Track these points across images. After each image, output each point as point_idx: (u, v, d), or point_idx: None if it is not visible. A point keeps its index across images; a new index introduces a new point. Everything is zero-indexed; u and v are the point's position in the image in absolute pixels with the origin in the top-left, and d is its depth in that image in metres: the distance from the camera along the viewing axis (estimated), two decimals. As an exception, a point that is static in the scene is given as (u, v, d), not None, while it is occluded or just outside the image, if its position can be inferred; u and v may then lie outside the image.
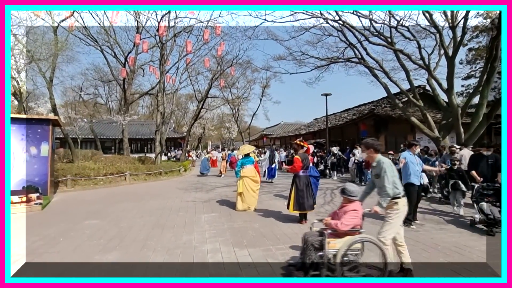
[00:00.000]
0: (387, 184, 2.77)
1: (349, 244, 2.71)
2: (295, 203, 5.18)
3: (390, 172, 2.82)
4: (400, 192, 2.89)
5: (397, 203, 2.88)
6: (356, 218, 2.85)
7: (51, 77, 13.48)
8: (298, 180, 5.29)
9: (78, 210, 6.58)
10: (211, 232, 4.75)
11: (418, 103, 10.54)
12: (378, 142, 3.16)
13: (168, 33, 14.72)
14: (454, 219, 5.48)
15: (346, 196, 2.99)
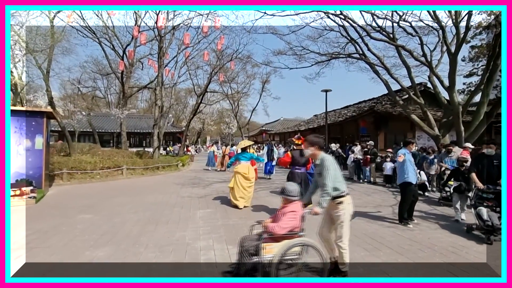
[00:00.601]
0: (328, 182, 2.67)
1: (286, 249, 2.54)
2: None
3: (332, 170, 2.72)
4: (344, 191, 2.80)
5: (342, 203, 2.79)
6: (295, 220, 2.68)
7: (48, 69, 13.28)
8: (291, 176, 5.35)
9: (73, 204, 6.51)
10: (205, 228, 4.68)
11: (419, 100, 10.41)
12: (322, 139, 3.06)
13: (167, 26, 14.50)
14: (450, 223, 5.40)
15: (284, 196, 2.82)
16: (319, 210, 2.66)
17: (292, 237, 2.66)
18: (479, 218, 4.25)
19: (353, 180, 10.91)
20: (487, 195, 4.47)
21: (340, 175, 2.85)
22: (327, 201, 2.68)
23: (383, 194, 8.13)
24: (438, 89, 10.75)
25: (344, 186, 2.85)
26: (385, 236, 4.34)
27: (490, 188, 4.52)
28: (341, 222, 2.80)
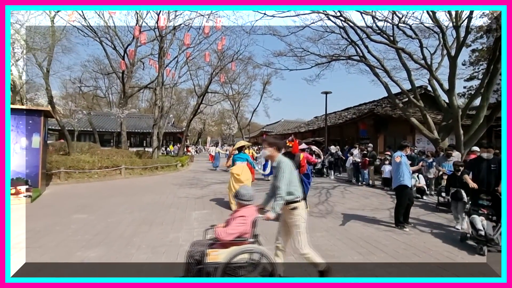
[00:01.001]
0: (282, 185, 2.56)
1: (231, 256, 2.37)
2: None
3: (287, 173, 2.61)
4: (299, 196, 2.70)
5: (297, 208, 2.69)
6: (243, 226, 2.52)
7: (48, 68, 13.31)
8: None
9: (68, 203, 6.48)
10: (200, 230, 4.63)
11: (418, 103, 10.36)
12: (281, 141, 2.93)
13: (168, 26, 14.52)
14: (447, 229, 5.35)
15: (237, 200, 2.70)
16: (272, 215, 2.53)
17: (241, 244, 2.50)
18: (472, 227, 3.96)
19: (351, 183, 10.86)
20: (483, 202, 4.19)
21: (296, 179, 2.74)
22: (280, 205, 2.56)
23: (381, 197, 8.08)
24: (438, 92, 10.69)
25: (299, 191, 2.74)
26: (380, 239, 4.29)
27: (486, 195, 4.22)
28: (297, 229, 2.69)
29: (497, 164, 4.55)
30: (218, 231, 2.51)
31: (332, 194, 8.32)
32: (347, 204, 6.87)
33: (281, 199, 2.55)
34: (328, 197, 7.81)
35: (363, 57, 11.21)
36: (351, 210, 6.26)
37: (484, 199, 4.19)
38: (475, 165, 4.67)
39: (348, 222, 5.22)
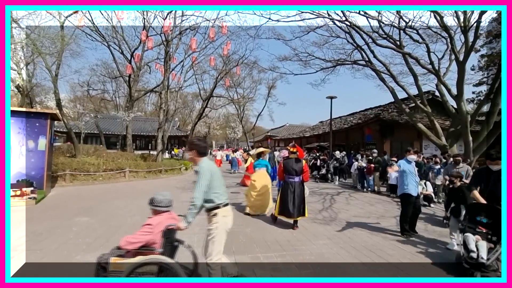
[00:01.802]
0: (196, 193, 2.40)
1: (132, 268, 2.20)
2: (279, 208, 5.24)
3: (205, 180, 2.43)
4: (220, 203, 2.53)
5: (216, 215, 2.53)
6: (149, 235, 2.38)
7: (57, 71, 13.55)
8: (284, 185, 5.27)
9: (72, 206, 6.50)
10: (201, 235, 4.57)
11: (425, 108, 10.18)
12: (204, 144, 2.69)
13: (174, 31, 14.68)
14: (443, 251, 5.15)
15: (152, 207, 2.58)
16: (183, 225, 2.41)
17: (148, 253, 2.34)
18: (465, 247, 3.35)
19: (356, 189, 10.68)
20: (482, 219, 3.48)
21: (219, 185, 2.56)
22: (192, 215, 2.41)
23: (387, 204, 7.91)
24: (446, 98, 10.50)
25: (223, 197, 2.56)
26: (385, 249, 4.16)
27: (486, 208, 3.50)
28: (212, 238, 2.54)
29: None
30: (121, 240, 2.38)
31: (336, 200, 8.19)
32: (351, 211, 6.73)
33: (194, 207, 2.40)
34: (332, 203, 7.68)
35: (369, 61, 11.11)
36: (356, 217, 6.13)
37: (483, 216, 3.48)
38: (482, 176, 3.79)
39: (352, 230, 5.10)
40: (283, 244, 4.23)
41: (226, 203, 2.63)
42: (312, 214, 6.27)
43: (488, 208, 3.47)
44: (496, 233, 3.30)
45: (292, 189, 5.12)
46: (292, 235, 4.69)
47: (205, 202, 2.50)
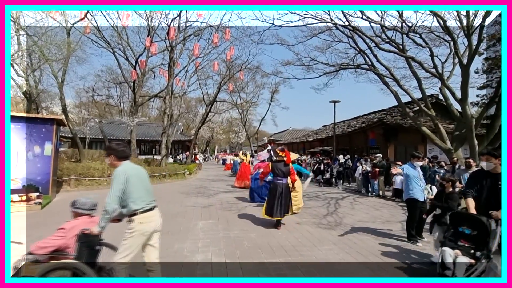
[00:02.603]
0: (108, 198, 2.30)
1: (43, 272, 2.15)
2: (266, 208, 5.48)
3: (117, 184, 2.32)
4: (137, 209, 2.42)
5: (133, 221, 2.43)
6: (61, 240, 2.32)
7: (63, 78, 13.76)
8: (273, 186, 5.58)
9: (77, 211, 6.53)
10: (205, 241, 4.57)
11: (430, 112, 10.13)
12: (122, 147, 2.54)
13: (178, 36, 14.86)
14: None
15: (73, 209, 2.53)
16: (95, 229, 2.33)
17: (61, 258, 2.29)
18: (441, 263, 2.92)
19: (361, 193, 10.60)
20: (464, 229, 2.97)
21: (137, 190, 2.45)
22: (105, 220, 2.32)
23: (392, 208, 7.83)
24: (450, 101, 10.45)
25: (142, 203, 2.46)
26: (391, 254, 4.11)
27: (471, 219, 2.97)
28: (124, 240, 2.45)
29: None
30: (32, 244, 2.31)
31: (341, 205, 8.13)
32: (356, 216, 6.68)
33: (105, 213, 2.31)
34: (337, 208, 7.63)
35: (372, 66, 11.12)
36: (361, 222, 6.08)
37: (466, 226, 2.96)
38: (476, 180, 3.25)
39: (357, 235, 5.05)
40: (288, 250, 4.20)
41: (147, 208, 2.49)
42: (317, 219, 6.23)
43: (472, 218, 2.95)
44: (480, 247, 2.78)
45: (280, 189, 5.42)
46: (297, 241, 4.65)
47: (122, 208, 2.43)
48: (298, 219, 6.22)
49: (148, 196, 2.58)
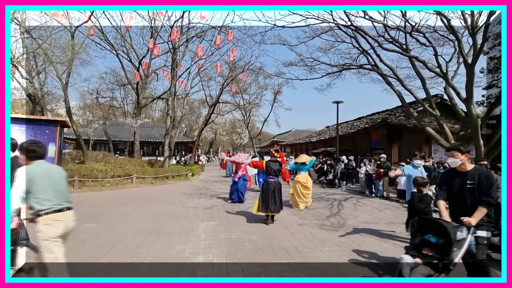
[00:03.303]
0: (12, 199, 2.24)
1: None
2: (260, 205, 5.81)
3: (17, 183, 2.26)
4: (41, 209, 2.35)
5: (37, 223, 2.37)
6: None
7: (67, 80, 13.89)
8: (266, 184, 5.93)
9: (80, 212, 6.48)
10: (207, 242, 4.54)
11: (434, 112, 10.01)
12: (33, 147, 2.47)
13: (181, 38, 14.92)
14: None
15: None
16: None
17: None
18: (398, 272, 2.66)
19: (364, 194, 10.50)
20: (429, 237, 2.66)
21: (42, 190, 2.36)
22: (9, 220, 2.32)
23: (397, 210, 7.73)
24: (455, 101, 10.31)
25: (48, 203, 2.38)
26: (395, 256, 4.03)
27: (435, 228, 2.63)
28: (41, 247, 2.38)
29: (477, 180, 2.68)
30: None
31: (344, 206, 8.05)
32: (360, 217, 6.60)
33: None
34: (340, 209, 7.55)
35: (375, 65, 11.04)
36: (365, 223, 6.00)
37: (432, 234, 2.65)
38: (445, 181, 3.00)
39: (361, 237, 4.98)
40: (290, 252, 4.15)
41: (55, 209, 2.42)
42: (320, 220, 6.18)
43: (438, 225, 2.62)
44: (443, 258, 2.45)
45: (273, 187, 5.82)
46: (299, 242, 4.60)
47: (30, 209, 2.39)
48: (301, 220, 6.17)
49: (58, 197, 2.49)
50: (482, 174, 2.71)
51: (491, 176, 2.72)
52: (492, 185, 2.63)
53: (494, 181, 2.68)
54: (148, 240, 4.55)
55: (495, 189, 2.66)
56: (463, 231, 2.55)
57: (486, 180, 2.66)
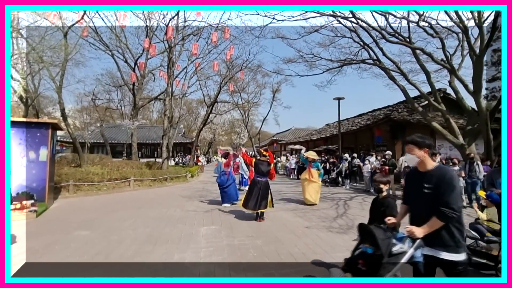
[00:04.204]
0: None
1: None
2: (244, 200, 5.93)
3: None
4: None
5: None
6: None
7: (61, 82, 13.51)
8: (253, 183, 6.08)
9: (73, 218, 6.22)
10: (208, 249, 4.22)
11: (440, 106, 9.73)
12: None
13: (177, 36, 14.57)
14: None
15: None
16: None
17: None
18: None
19: (369, 193, 10.19)
20: (366, 248, 2.18)
21: None
22: None
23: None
24: (461, 95, 10.03)
25: None
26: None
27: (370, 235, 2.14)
28: None
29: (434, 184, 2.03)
30: None
31: (350, 206, 7.74)
32: (368, 217, 6.28)
33: None
34: (347, 209, 7.24)
35: (377, 60, 10.74)
36: (374, 224, 5.68)
37: (368, 244, 2.18)
38: (407, 182, 2.52)
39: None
40: (298, 258, 3.84)
41: None
42: (327, 222, 5.86)
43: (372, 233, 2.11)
44: (374, 273, 2.01)
45: (259, 186, 5.90)
46: (307, 247, 4.28)
47: None
48: (307, 222, 5.85)
49: None
50: (441, 176, 2.02)
51: (451, 180, 1.99)
52: (451, 191, 1.96)
53: (455, 187, 1.99)
54: (144, 249, 4.22)
55: (455, 197, 1.96)
56: (406, 243, 2.04)
57: (445, 184, 1.97)
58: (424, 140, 2.17)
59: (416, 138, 2.19)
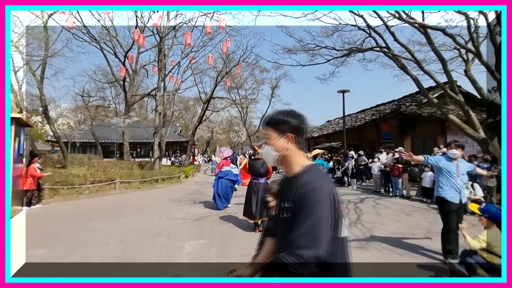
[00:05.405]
0: None
1: None
2: (244, 209, 5.16)
3: None
4: None
5: None
6: None
7: (42, 75, 12.47)
8: (249, 187, 5.22)
9: (35, 231, 5.19)
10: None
11: (457, 97, 8.74)
12: None
13: (168, 25, 13.52)
14: None
15: None
16: None
17: None
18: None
19: (380, 194, 9.24)
20: None
21: None
22: None
23: (426, 213, 6.46)
24: (479, 84, 9.05)
25: None
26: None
27: None
28: None
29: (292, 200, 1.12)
30: None
31: (362, 210, 6.76)
32: (387, 225, 5.31)
33: None
34: (360, 214, 6.26)
35: (386, 47, 9.74)
36: (397, 234, 4.71)
37: None
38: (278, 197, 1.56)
39: (401, 257, 3.69)
40: None
41: None
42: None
43: None
44: None
45: (256, 190, 5.02)
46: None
47: None
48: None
49: None
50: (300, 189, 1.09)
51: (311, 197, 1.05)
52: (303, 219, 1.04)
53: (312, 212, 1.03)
54: (108, 274, 3.22)
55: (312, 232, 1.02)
56: None
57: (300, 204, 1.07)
58: (288, 119, 1.20)
59: (276, 116, 1.24)
